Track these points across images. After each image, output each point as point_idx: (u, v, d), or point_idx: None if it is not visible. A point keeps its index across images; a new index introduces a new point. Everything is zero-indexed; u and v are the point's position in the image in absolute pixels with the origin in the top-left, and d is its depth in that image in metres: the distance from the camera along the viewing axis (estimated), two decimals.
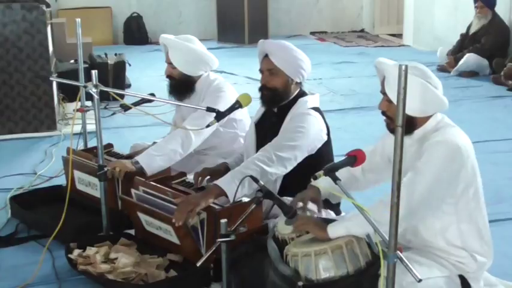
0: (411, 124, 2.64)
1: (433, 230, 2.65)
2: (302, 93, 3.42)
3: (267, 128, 3.46)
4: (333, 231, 2.57)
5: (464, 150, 2.58)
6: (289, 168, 3.24)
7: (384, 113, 2.67)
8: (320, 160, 3.21)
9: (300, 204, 2.92)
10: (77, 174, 3.89)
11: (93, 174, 3.78)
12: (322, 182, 2.71)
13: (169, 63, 3.85)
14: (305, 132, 3.26)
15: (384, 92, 2.66)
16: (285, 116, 3.36)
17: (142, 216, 3.33)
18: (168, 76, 3.90)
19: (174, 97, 3.88)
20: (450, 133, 2.60)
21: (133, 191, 3.43)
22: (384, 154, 2.87)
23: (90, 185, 3.86)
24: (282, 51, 3.34)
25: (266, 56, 3.36)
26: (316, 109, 3.38)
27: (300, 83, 3.41)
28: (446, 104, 2.64)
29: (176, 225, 2.99)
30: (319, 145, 3.34)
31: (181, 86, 3.87)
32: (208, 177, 3.46)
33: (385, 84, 2.63)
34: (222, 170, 3.48)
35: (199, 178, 3.47)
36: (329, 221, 2.72)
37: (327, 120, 3.44)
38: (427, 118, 2.65)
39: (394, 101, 2.48)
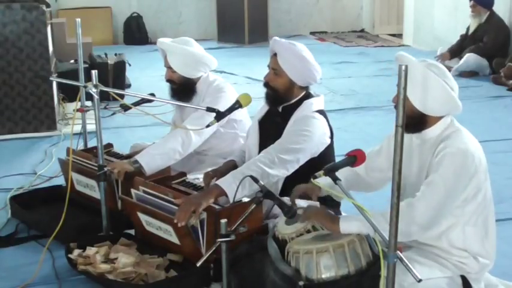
0: (422, 122, 2.64)
1: (438, 230, 2.64)
2: (307, 95, 3.41)
3: (270, 127, 3.45)
4: (344, 226, 2.55)
5: (477, 158, 2.58)
6: (291, 170, 3.23)
7: (396, 107, 2.66)
8: (322, 162, 3.19)
9: (301, 203, 2.91)
10: (75, 176, 3.89)
11: (90, 176, 3.78)
12: (323, 182, 2.70)
13: (169, 67, 3.85)
14: (310, 135, 3.25)
15: None
16: (289, 117, 3.35)
17: (142, 217, 3.33)
18: (168, 80, 3.89)
19: (176, 100, 3.86)
20: (462, 140, 2.59)
21: (133, 191, 3.43)
22: (390, 154, 2.85)
23: (88, 187, 3.86)
24: (291, 56, 3.29)
25: (275, 54, 3.34)
26: (321, 112, 3.37)
27: (306, 86, 3.40)
28: (460, 108, 2.63)
29: (179, 225, 2.99)
30: (322, 148, 3.33)
31: (183, 89, 3.86)
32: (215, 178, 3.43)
33: None
34: (230, 168, 3.44)
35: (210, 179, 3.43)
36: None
37: (329, 121, 3.43)
38: (438, 119, 2.65)
39: (409, 96, 2.49)
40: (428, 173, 2.60)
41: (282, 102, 3.39)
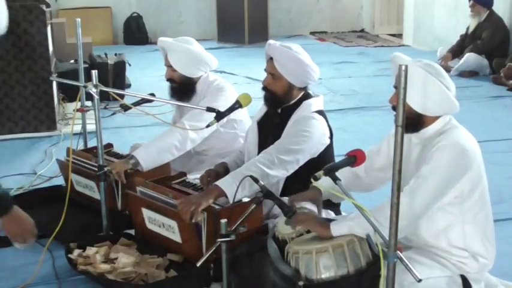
0: (419, 122, 2.64)
1: (437, 229, 2.64)
2: (307, 95, 3.41)
3: (269, 128, 3.45)
4: (336, 228, 2.56)
5: (471, 152, 2.58)
6: (291, 171, 3.23)
7: (394, 108, 2.66)
8: (321, 162, 3.18)
9: (307, 206, 2.91)
10: (74, 177, 3.88)
11: (88, 177, 3.78)
12: (324, 183, 2.71)
13: (169, 66, 3.85)
14: (309, 136, 3.24)
15: (396, 87, 2.65)
16: (288, 118, 3.35)
17: (146, 212, 3.32)
18: (168, 79, 3.89)
19: (176, 99, 3.86)
20: (456, 135, 2.59)
21: (138, 188, 3.43)
22: (389, 154, 2.85)
23: (88, 187, 3.85)
24: (287, 59, 3.29)
25: (271, 58, 3.34)
26: (320, 112, 3.37)
27: (305, 87, 3.40)
28: (457, 107, 2.63)
29: (187, 221, 2.99)
30: (322, 149, 3.33)
31: (183, 88, 3.86)
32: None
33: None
34: (221, 170, 3.47)
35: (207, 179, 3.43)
36: (329, 220, 2.72)
37: (329, 122, 3.43)
38: (436, 118, 2.65)
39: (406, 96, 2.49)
40: None
41: (282, 104, 3.39)
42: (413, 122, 2.62)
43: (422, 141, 2.68)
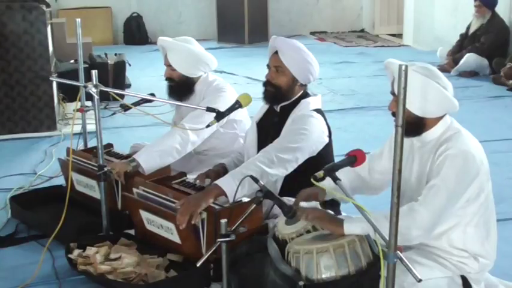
0: (420, 125, 2.63)
1: (439, 231, 2.64)
2: (305, 95, 3.41)
3: (268, 128, 3.46)
4: (349, 227, 2.55)
5: (479, 159, 2.58)
6: (290, 169, 3.23)
7: (394, 114, 2.65)
8: (321, 161, 3.20)
9: (303, 204, 2.91)
10: (75, 176, 3.88)
11: (90, 176, 3.78)
12: (328, 184, 2.70)
13: (169, 65, 3.84)
14: (307, 134, 3.25)
15: (393, 93, 2.64)
16: (286, 117, 3.35)
17: (144, 214, 3.32)
18: (167, 78, 3.88)
19: (174, 99, 3.87)
20: (462, 142, 2.58)
21: (134, 189, 3.42)
22: (392, 156, 2.84)
23: (88, 187, 3.85)
24: (292, 51, 3.32)
25: (276, 52, 3.35)
26: (318, 111, 3.37)
27: (305, 85, 3.40)
28: (457, 106, 2.63)
29: (180, 228, 2.99)
30: (321, 147, 3.33)
31: (182, 88, 3.86)
32: (208, 179, 3.43)
33: (394, 85, 2.61)
34: (221, 171, 3.48)
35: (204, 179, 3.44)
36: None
37: (327, 120, 3.43)
38: (437, 120, 2.64)
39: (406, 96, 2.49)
40: (429, 177, 2.60)
41: (282, 100, 3.39)
42: (414, 126, 2.61)
43: (424, 145, 2.67)
